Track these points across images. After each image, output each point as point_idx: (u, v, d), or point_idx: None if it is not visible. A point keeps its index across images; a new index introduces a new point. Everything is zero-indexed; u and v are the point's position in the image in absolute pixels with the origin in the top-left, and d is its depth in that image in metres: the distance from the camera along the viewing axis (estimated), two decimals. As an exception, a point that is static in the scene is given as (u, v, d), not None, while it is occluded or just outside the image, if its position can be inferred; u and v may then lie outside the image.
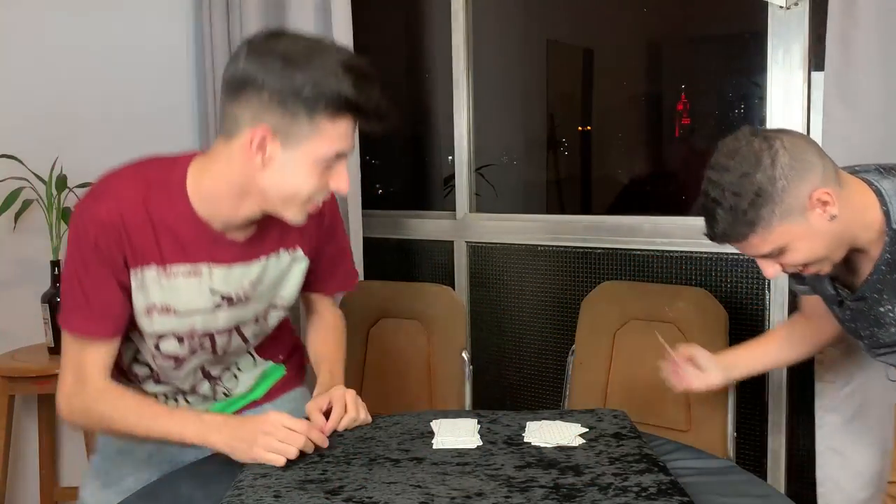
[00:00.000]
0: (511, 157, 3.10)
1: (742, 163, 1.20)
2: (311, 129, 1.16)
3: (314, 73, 1.13)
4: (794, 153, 1.19)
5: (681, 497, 1.05)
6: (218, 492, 1.15)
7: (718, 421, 1.86)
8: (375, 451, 1.25)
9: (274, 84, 1.14)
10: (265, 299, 1.39)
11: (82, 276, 1.25)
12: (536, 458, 1.21)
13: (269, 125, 1.15)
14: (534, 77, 3.11)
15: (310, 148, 1.17)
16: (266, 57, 1.15)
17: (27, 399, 2.46)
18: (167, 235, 1.26)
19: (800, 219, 1.21)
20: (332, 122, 1.16)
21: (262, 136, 1.16)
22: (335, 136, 1.18)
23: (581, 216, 2.42)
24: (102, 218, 1.23)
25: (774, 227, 1.21)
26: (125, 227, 1.24)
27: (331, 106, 1.15)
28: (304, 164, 1.18)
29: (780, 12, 1.93)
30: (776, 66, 1.96)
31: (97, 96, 2.57)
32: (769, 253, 1.26)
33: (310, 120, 1.15)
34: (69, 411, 1.30)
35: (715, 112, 2.52)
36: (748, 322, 2.06)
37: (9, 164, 2.28)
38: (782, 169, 1.18)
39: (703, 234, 1.30)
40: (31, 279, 2.45)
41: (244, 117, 1.17)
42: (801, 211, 1.20)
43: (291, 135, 1.16)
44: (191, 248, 1.28)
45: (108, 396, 1.29)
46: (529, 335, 2.48)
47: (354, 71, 1.16)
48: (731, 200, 1.20)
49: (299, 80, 1.13)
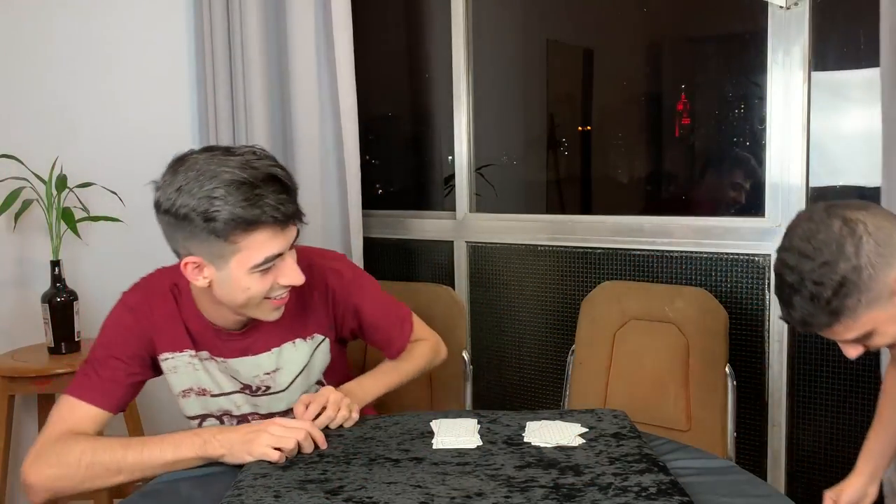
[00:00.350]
0: (511, 157, 3.10)
1: (823, 249, 1.11)
2: (231, 249, 1.22)
3: (205, 203, 1.18)
4: (879, 237, 1.11)
5: (681, 497, 1.05)
6: (218, 492, 1.15)
7: (718, 421, 1.86)
8: (375, 451, 1.25)
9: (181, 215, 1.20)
10: (299, 391, 1.46)
11: (101, 354, 1.35)
12: (536, 458, 1.21)
13: (197, 254, 1.24)
14: (534, 77, 3.11)
15: (238, 262, 1.23)
16: (168, 190, 1.23)
17: (27, 399, 2.46)
18: (189, 328, 1.38)
19: (887, 304, 1.12)
20: (246, 236, 1.21)
21: (196, 264, 1.25)
22: (255, 246, 1.23)
23: (581, 216, 2.42)
24: (133, 304, 1.37)
25: (860, 316, 1.13)
26: (154, 316, 1.36)
27: (236, 227, 1.20)
28: (241, 277, 1.24)
29: (780, 12, 1.93)
30: (776, 66, 1.96)
31: (97, 96, 2.57)
32: (854, 339, 1.18)
33: (226, 241, 1.21)
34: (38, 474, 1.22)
35: (715, 112, 2.52)
36: (748, 322, 2.06)
37: (9, 164, 2.28)
38: (868, 257, 1.09)
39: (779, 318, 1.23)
40: (31, 279, 2.46)
41: (177, 247, 1.27)
42: (889, 296, 1.12)
43: (217, 257, 1.23)
44: (205, 343, 1.40)
45: (89, 438, 1.27)
46: (529, 335, 2.48)
47: (246, 185, 1.19)
48: (811, 289, 1.12)
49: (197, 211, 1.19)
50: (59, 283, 2.29)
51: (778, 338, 2.01)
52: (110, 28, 2.59)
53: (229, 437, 1.23)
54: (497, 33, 2.89)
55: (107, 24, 2.58)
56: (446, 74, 2.54)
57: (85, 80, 2.55)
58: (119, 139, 2.60)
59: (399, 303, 1.63)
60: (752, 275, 2.05)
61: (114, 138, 2.59)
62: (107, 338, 1.36)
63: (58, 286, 2.28)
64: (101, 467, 1.23)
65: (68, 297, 2.29)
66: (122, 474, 1.23)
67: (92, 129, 2.56)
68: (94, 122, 2.57)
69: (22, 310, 2.46)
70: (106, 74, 2.58)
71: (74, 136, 2.52)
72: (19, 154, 2.30)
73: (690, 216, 2.20)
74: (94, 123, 2.57)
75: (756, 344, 2.06)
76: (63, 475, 1.23)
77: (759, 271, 2.04)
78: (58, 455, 1.23)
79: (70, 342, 2.29)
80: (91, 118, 2.56)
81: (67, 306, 2.29)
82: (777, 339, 2.01)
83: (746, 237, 2.04)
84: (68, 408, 1.30)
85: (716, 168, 2.48)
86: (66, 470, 1.23)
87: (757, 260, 2.04)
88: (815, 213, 1.16)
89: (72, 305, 2.30)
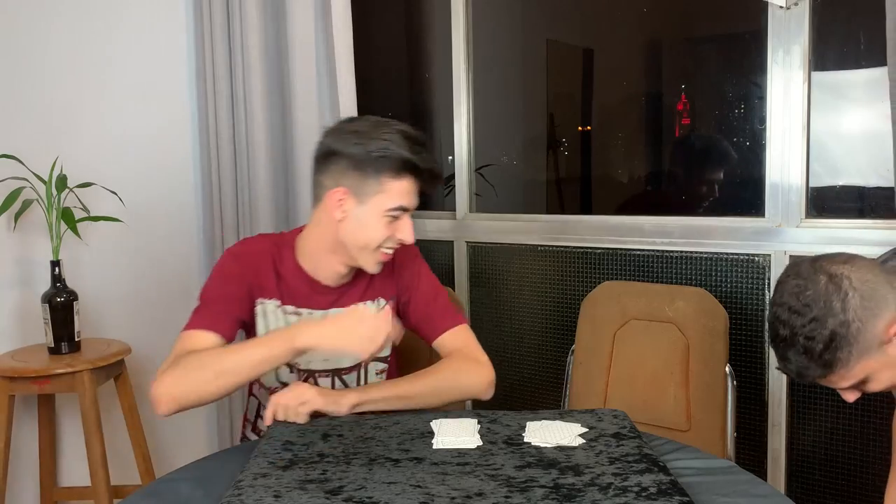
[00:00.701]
0: (511, 157, 3.10)
1: (812, 305, 1.17)
2: (378, 187, 1.44)
3: (379, 142, 1.43)
4: (864, 291, 1.16)
5: (681, 497, 1.05)
6: (218, 492, 1.15)
7: (718, 421, 1.86)
8: (375, 451, 1.25)
9: (348, 152, 1.44)
10: None
11: (210, 295, 1.49)
12: (536, 458, 1.21)
13: (346, 186, 1.45)
14: (534, 77, 3.11)
15: (377, 202, 1.45)
16: (342, 133, 1.47)
17: (27, 399, 2.46)
18: (282, 281, 1.54)
19: (877, 353, 1.18)
20: (395, 181, 1.44)
21: (342, 195, 1.45)
22: (398, 192, 1.45)
23: (581, 216, 2.42)
24: (237, 253, 1.55)
25: (853, 366, 1.18)
26: (254, 265, 1.52)
27: (393, 166, 1.43)
28: (374, 216, 1.45)
29: (780, 12, 1.93)
30: (776, 66, 1.96)
31: (97, 96, 2.57)
32: (850, 386, 1.23)
33: (377, 179, 1.43)
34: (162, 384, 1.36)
35: (715, 112, 2.52)
36: (748, 322, 2.06)
37: (9, 164, 2.28)
38: (854, 311, 1.15)
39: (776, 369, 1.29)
40: (31, 279, 2.46)
41: (327, 182, 1.47)
42: (879, 345, 1.17)
43: (363, 192, 1.45)
44: (296, 294, 1.54)
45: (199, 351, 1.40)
46: (529, 335, 2.48)
47: (412, 139, 1.45)
48: (804, 343, 1.18)
49: (368, 148, 1.43)
50: (59, 283, 2.29)
51: (778, 338, 2.01)
52: (110, 28, 2.59)
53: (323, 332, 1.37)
54: (497, 33, 2.89)
55: (107, 25, 2.58)
56: (446, 74, 2.54)
57: (85, 80, 2.55)
58: (119, 139, 2.60)
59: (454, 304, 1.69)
60: (752, 275, 2.05)
61: (114, 138, 2.59)
62: (214, 281, 1.51)
63: (58, 286, 2.28)
64: (209, 371, 1.36)
65: (68, 297, 2.29)
66: (223, 377, 1.36)
67: (92, 129, 2.56)
68: (94, 122, 2.57)
69: (22, 310, 2.46)
70: (106, 74, 2.58)
71: (74, 136, 2.52)
72: (19, 154, 2.29)
73: (690, 216, 2.20)
74: (94, 123, 2.57)
75: (756, 344, 2.06)
76: (179, 382, 1.36)
77: (759, 271, 2.04)
78: (176, 367, 1.37)
79: (70, 342, 2.29)
80: (91, 118, 2.56)
81: (67, 306, 2.29)
82: (777, 339, 2.01)
83: (746, 237, 2.04)
84: (186, 337, 1.44)
85: (716, 168, 2.48)
86: (181, 378, 1.36)
87: (757, 260, 2.04)
88: (803, 268, 1.22)
89: (72, 305, 2.30)
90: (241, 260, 1.53)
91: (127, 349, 2.39)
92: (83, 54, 2.55)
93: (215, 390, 1.37)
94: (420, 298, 1.62)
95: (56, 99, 2.51)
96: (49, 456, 2.48)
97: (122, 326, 2.58)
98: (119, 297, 2.63)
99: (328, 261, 1.53)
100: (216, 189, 2.62)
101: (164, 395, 1.36)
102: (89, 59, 2.56)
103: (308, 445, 1.28)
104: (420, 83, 3.03)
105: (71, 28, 2.52)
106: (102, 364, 2.25)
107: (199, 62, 2.62)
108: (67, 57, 2.52)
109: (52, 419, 2.49)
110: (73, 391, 2.22)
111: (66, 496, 2.54)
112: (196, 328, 1.44)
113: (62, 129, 2.51)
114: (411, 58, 3.08)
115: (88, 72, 2.56)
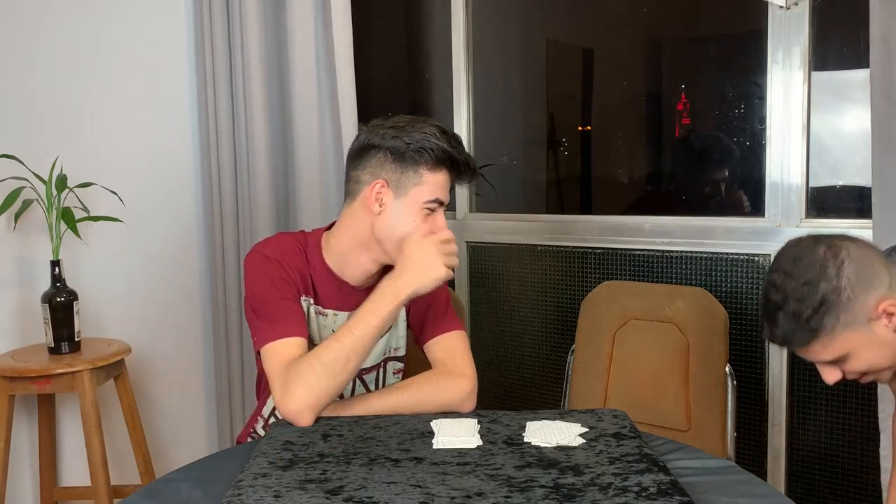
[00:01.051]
0: (511, 157, 3.10)
1: (807, 270, 1.19)
2: (416, 179, 1.46)
3: (417, 135, 1.45)
4: (860, 263, 1.18)
5: (681, 497, 1.05)
6: (218, 492, 1.15)
7: (718, 421, 1.87)
8: (375, 451, 1.25)
9: (387, 145, 1.46)
10: (381, 347, 1.58)
11: (270, 301, 1.47)
12: (536, 458, 1.21)
13: (384, 179, 1.46)
14: (534, 77, 3.11)
15: (415, 194, 1.46)
16: (380, 129, 1.48)
17: (27, 399, 2.45)
18: (312, 280, 1.53)
19: (863, 328, 1.19)
20: (432, 173, 1.46)
21: (380, 187, 1.46)
22: (435, 184, 1.47)
23: (581, 216, 2.43)
24: (271, 254, 1.51)
25: (837, 336, 1.19)
26: (291, 264, 1.50)
27: (431, 159, 1.45)
28: (411, 209, 1.46)
29: (780, 12, 1.93)
30: (776, 66, 1.96)
31: (97, 96, 2.57)
32: (831, 360, 1.24)
33: (415, 172, 1.45)
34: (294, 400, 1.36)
35: (715, 112, 2.52)
36: (748, 322, 2.06)
37: (9, 164, 2.28)
38: (848, 279, 1.17)
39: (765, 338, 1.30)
40: (31, 279, 2.45)
41: (364, 176, 1.48)
42: (866, 321, 1.19)
43: (401, 185, 1.46)
44: (323, 295, 1.54)
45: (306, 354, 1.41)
46: (529, 335, 2.48)
47: (448, 134, 1.48)
48: (793, 306, 1.19)
49: (406, 141, 1.45)
50: (59, 283, 2.29)
51: (778, 338, 2.01)
52: (110, 28, 2.59)
53: (410, 278, 1.41)
54: (497, 33, 2.89)
55: (107, 24, 2.58)
56: (446, 74, 2.54)
57: (85, 80, 2.55)
58: (119, 139, 2.60)
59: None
60: (752, 275, 2.05)
61: (114, 138, 2.59)
62: (265, 286, 1.48)
63: (58, 286, 2.28)
64: (334, 363, 1.37)
65: (68, 297, 2.29)
66: (350, 360, 1.38)
67: (92, 129, 2.56)
68: (94, 122, 2.57)
69: (22, 310, 2.46)
70: (106, 74, 2.58)
71: (74, 136, 2.52)
72: (19, 154, 2.29)
73: (690, 216, 2.20)
74: (94, 123, 2.57)
75: (756, 344, 2.06)
76: (311, 387, 1.36)
77: (759, 271, 2.04)
78: (295, 378, 1.37)
79: (70, 342, 2.29)
80: (91, 118, 2.56)
81: (67, 306, 2.29)
82: (777, 339, 2.01)
83: (746, 237, 2.04)
84: (273, 352, 1.42)
85: (715, 168, 2.48)
86: (310, 383, 1.36)
87: (757, 260, 2.04)
88: (804, 239, 1.25)
89: (72, 305, 2.30)
90: (281, 259, 1.51)
91: (127, 349, 2.38)
92: (83, 54, 2.55)
93: (346, 377, 1.39)
94: (420, 299, 1.59)
95: (56, 99, 2.51)
96: (49, 456, 2.48)
97: (122, 326, 2.58)
98: (119, 297, 2.63)
99: (358, 258, 1.52)
100: (216, 189, 2.62)
101: (304, 409, 1.36)
102: (89, 59, 2.56)
103: (308, 445, 1.28)
104: (420, 83, 3.03)
105: (71, 28, 2.52)
106: (102, 364, 2.25)
107: (199, 62, 2.62)
108: (67, 57, 2.52)
109: (52, 419, 2.49)
110: (73, 391, 2.22)
111: (66, 496, 2.54)
112: (280, 338, 1.43)
113: (62, 129, 2.51)
114: (411, 58, 3.08)
115: (89, 72, 2.56)
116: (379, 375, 1.61)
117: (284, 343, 1.42)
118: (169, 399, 2.75)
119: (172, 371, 2.75)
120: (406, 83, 3.09)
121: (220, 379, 2.69)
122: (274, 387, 1.39)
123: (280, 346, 1.42)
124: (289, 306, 1.47)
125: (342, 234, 1.53)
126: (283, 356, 1.41)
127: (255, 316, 1.47)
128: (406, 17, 3.04)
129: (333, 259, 1.54)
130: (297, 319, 1.46)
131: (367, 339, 1.40)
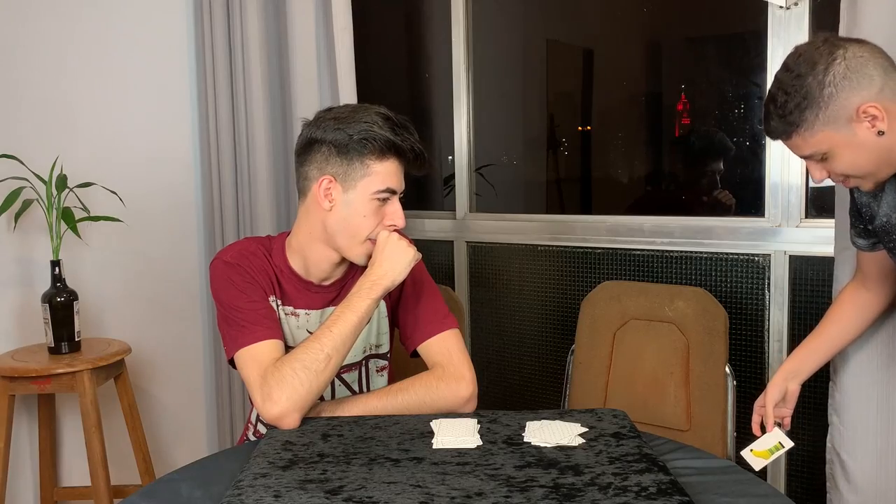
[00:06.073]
0: (511, 157, 3.09)
1: (801, 65, 1.23)
2: (363, 171, 1.43)
3: (360, 125, 1.42)
4: (852, 64, 1.20)
5: (681, 497, 1.05)
6: (218, 492, 1.15)
7: (718, 421, 1.87)
8: (375, 451, 1.25)
9: (330, 138, 1.44)
10: (360, 344, 1.56)
11: (238, 307, 1.45)
12: (536, 457, 1.21)
13: (331, 174, 1.44)
14: (534, 77, 3.11)
15: (364, 186, 1.43)
16: (322, 122, 1.46)
17: (27, 399, 2.46)
18: (278, 281, 1.52)
19: (844, 128, 1.22)
20: (379, 163, 1.43)
21: (327, 183, 1.44)
22: (384, 174, 1.44)
23: (581, 216, 2.42)
24: (231, 260, 1.49)
25: (817, 131, 1.23)
26: (254, 267, 1.50)
27: (376, 149, 1.42)
28: (362, 201, 1.44)
29: (780, 12, 1.93)
30: (776, 66, 1.95)
31: (97, 96, 2.57)
32: (811, 155, 1.28)
33: (361, 163, 1.43)
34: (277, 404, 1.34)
35: (715, 112, 2.52)
36: (748, 322, 2.06)
37: (9, 164, 2.28)
38: (833, 77, 1.20)
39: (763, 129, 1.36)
40: (31, 279, 2.46)
41: (312, 173, 1.46)
42: (847, 121, 1.22)
43: (348, 178, 1.44)
44: (290, 294, 1.53)
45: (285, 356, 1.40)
46: (529, 335, 2.48)
47: (392, 121, 1.45)
48: (781, 98, 1.24)
49: (349, 132, 1.42)
50: (59, 283, 2.29)
51: (778, 337, 2.01)
52: (110, 28, 2.59)
53: (384, 271, 1.42)
54: (497, 33, 2.89)
55: (107, 24, 2.58)
56: (446, 74, 2.54)
57: (85, 80, 2.55)
58: (119, 139, 2.60)
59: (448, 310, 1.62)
60: (752, 275, 2.05)
61: (114, 138, 2.59)
62: (232, 294, 1.47)
63: (58, 286, 2.28)
64: (315, 363, 1.36)
65: (68, 297, 2.29)
66: (331, 358, 1.38)
67: (92, 129, 2.56)
68: (94, 122, 2.57)
69: (22, 310, 2.46)
70: (106, 74, 2.58)
71: (74, 136, 2.52)
72: (19, 154, 2.30)
73: (690, 216, 2.20)
74: (94, 123, 2.57)
75: (756, 344, 2.06)
76: (293, 390, 1.35)
77: (759, 271, 2.04)
78: (278, 381, 1.36)
79: (70, 342, 2.29)
80: (91, 118, 2.56)
81: (67, 306, 2.29)
82: (777, 338, 2.01)
83: (746, 237, 2.04)
84: (249, 356, 1.41)
85: (715, 167, 2.47)
86: (293, 386, 1.35)
87: (757, 260, 2.04)
88: (818, 37, 1.27)
89: (72, 305, 2.30)
90: (241, 263, 1.49)
91: (127, 349, 2.39)
92: (83, 54, 2.55)
93: (328, 376, 1.39)
94: (409, 298, 1.59)
95: (56, 98, 2.51)
96: (49, 456, 2.48)
97: (122, 326, 2.58)
98: (119, 297, 2.63)
99: (320, 253, 1.50)
100: (216, 189, 2.62)
101: (289, 412, 1.35)
102: (89, 59, 2.56)
103: (308, 445, 1.28)
104: (420, 83, 3.03)
105: (71, 27, 2.52)
106: (102, 364, 2.25)
107: (200, 61, 2.62)
108: (67, 56, 2.52)
109: (52, 419, 2.49)
110: (73, 391, 2.22)
111: (66, 496, 2.54)
112: (254, 342, 1.42)
113: (62, 128, 2.51)
114: (411, 58, 3.08)
115: (88, 71, 2.56)
116: (361, 374, 1.59)
117: (260, 347, 1.41)
118: (169, 399, 2.76)
119: (172, 371, 2.75)
120: (406, 83, 3.09)
121: (220, 379, 2.69)
122: (253, 392, 1.38)
123: (256, 350, 1.41)
124: (259, 309, 1.46)
125: (299, 232, 1.52)
126: (261, 360, 1.40)
127: (226, 324, 1.46)
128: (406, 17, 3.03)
129: (296, 259, 1.53)
130: (269, 322, 1.45)
131: (347, 337, 1.40)
